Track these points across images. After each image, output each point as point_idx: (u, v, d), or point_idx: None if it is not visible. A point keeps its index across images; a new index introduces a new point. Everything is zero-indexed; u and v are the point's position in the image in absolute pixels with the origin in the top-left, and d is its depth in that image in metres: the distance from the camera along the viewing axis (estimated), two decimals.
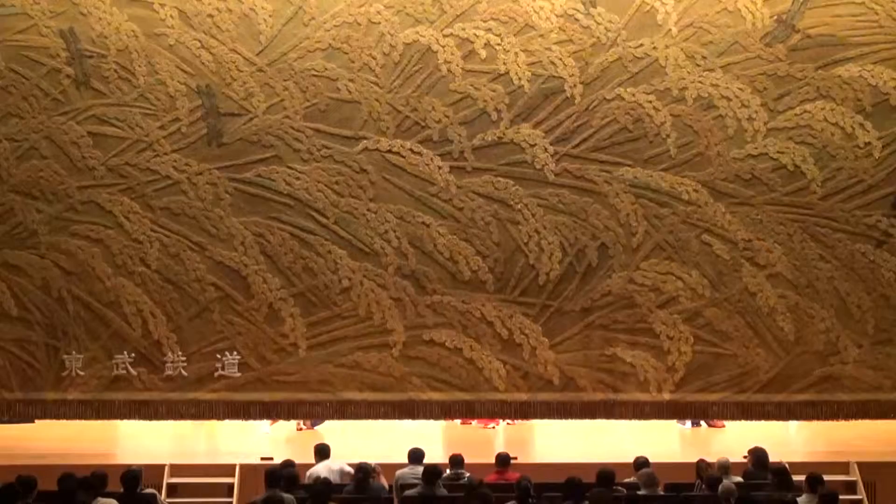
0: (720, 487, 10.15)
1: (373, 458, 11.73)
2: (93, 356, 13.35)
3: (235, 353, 13.38)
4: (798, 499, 10.24)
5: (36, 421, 15.75)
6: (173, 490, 12.68)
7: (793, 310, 13.56)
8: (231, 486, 12.74)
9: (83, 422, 15.36)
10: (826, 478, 10.66)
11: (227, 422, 15.90)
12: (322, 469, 11.29)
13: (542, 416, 13.70)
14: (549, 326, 13.51)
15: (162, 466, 12.82)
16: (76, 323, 13.33)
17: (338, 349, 13.43)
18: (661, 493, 10.81)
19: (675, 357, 13.54)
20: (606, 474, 10.44)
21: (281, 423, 15.52)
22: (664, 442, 15.03)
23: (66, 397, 13.36)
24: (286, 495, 10.02)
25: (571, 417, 13.67)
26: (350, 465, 11.41)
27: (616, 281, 13.53)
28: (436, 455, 12.62)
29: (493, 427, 15.88)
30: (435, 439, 15.02)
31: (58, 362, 13.36)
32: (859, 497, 12.82)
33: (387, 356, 13.44)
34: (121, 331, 13.36)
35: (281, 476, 10.42)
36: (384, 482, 11.31)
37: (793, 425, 16.22)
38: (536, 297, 13.51)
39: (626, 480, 11.20)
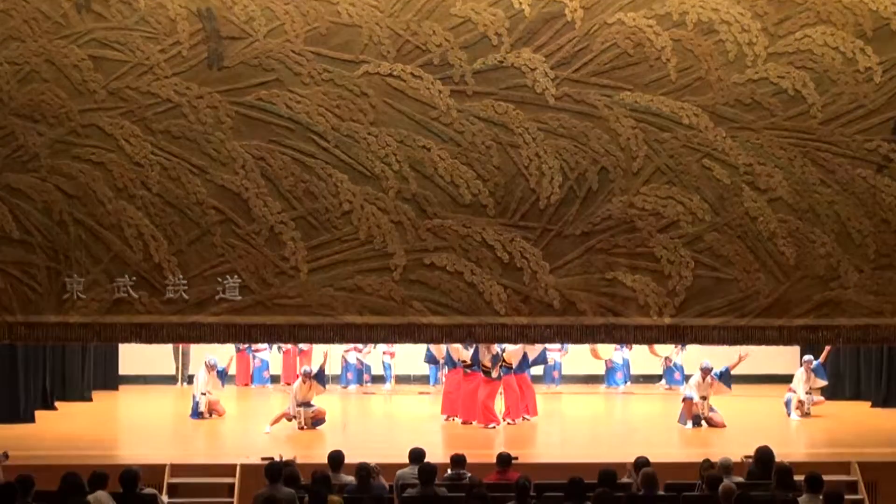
0: (720, 487, 10.02)
1: (373, 458, 11.75)
2: (94, 279, 13.33)
3: (236, 276, 13.38)
4: (798, 499, 10.10)
5: (36, 420, 16.20)
6: (174, 490, 12.64)
7: (793, 234, 13.56)
8: (232, 485, 12.71)
9: (83, 422, 16.52)
10: (827, 478, 10.53)
11: (227, 421, 16.92)
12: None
13: (543, 340, 13.75)
14: (550, 250, 13.51)
15: (163, 466, 12.79)
16: (77, 246, 13.31)
17: (338, 273, 13.42)
18: (662, 493, 10.71)
19: (676, 281, 13.55)
20: (608, 474, 10.39)
21: (283, 422, 15.89)
22: (665, 442, 15.27)
23: (68, 320, 13.34)
24: (286, 489, 10.06)
25: (571, 341, 13.75)
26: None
27: (616, 205, 13.53)
28: (436, 455, 12.62)
29: (494, 427, 16.06)
30: (436, 439, 15.35)
31: (59, 285, 13.33)
32: (860, 497, 12.74)
33: (387, 280, 13.44)
34: (122, 254, 13.34)
35: (281, 471, 10.38)
36: (383, 482, 11.26)
37: (794, 424, 16.83)
38: (537, 221, 13.51)
39: (626, 480, 11.19)
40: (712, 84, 13.57)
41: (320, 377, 16.44)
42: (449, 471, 11.24)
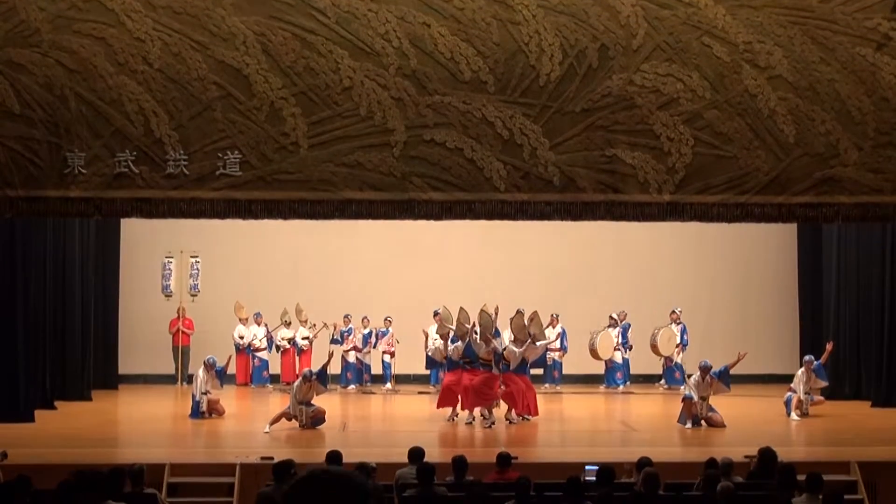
0: (718, 487, 9.97)
1: (372, 458, 11.74)
2: (95, 154, 13.30)
3: (237, 151, 13.35)
4: (797, 499, 9.96)
5: (36, 419, 16.53)
6: (174, 490, 12.62)
7: (793, 112, 13.54)
8: (231, 485, 12.64)
9: (83, 422, 16.72)
10: (826, 478, 10.45)
11: (227, 420, 17.12)
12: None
13: (543, 217, 13.64)
14: (550, 127, 13.49)
15: (162, 466, 12.73)
16: (78, 121, 13.29)
17: (339, 148, 13.39)
18: (662, 493, 10.56)
19: (676, 158, 13.53)
20: (607, 472, 10.37)
21: (283, 422, 15.98)
22: (665, 442, 15.30)
23: (69, 195, 13.32)
24: None
25: (571, 218, 13.65)
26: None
27: (616, 82, 13.52)
28: (436, 454, 12.66)
29: (491, 426, 16.35)
30: (435, 439, 15.44)
31: (60, 160, 13.30)
32: (860, 497, 12.71)
33: (388, 156, 13.41)
34: (123, 129, 13.31)
35: (289, 471, 10.22)
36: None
37: (793, 423, 17.00)
38: (537, 98, 13.49)
39: (626, 480, 11.15)
40: None
41: (322, 377, 16.48)
42: (451, 477, 11.08)
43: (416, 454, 11.20)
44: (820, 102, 13.55)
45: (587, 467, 10.98)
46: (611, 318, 22.06)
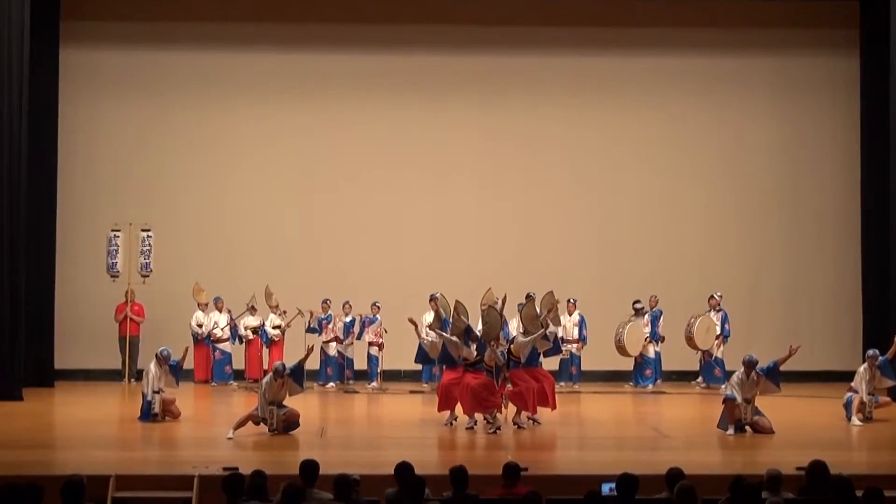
0: None
1: (355, 469, 10.95)
2: None
3: None
4: None
5: None
6: None
7: None
8: (188, 500, 11.67)
9: (13, 425, 15.70)
10: (891, 493, 9.71)
11: (184, 424, 16.19)
12: None
13: None
14: None
15: (107, 478, 11.72)
16: None
17: None
18: None
19: None
20: (629, 480, 9.47)
21: (249, 426, 15.07)
22: (702, 450, 14.39)
23: None
24: None
25: None
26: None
27: None
28: (431, 464, 12.18)
29: (496, 431, 15.22)
30: (430, 446, 14.77)
31: None
32: None
33: None
34: None
35: (242, 484, 9.54)
36: None
37: (855, 430, 15.88)
38: None
39: (660, 496, 10.08)
40: None
41: (297, 374, 15.29)
42: (448, 492, 10.08)
43: (401, 472, 9.98)
44: None
45: (604, 485, 9.99)
46: (634, 306, 20.43)
